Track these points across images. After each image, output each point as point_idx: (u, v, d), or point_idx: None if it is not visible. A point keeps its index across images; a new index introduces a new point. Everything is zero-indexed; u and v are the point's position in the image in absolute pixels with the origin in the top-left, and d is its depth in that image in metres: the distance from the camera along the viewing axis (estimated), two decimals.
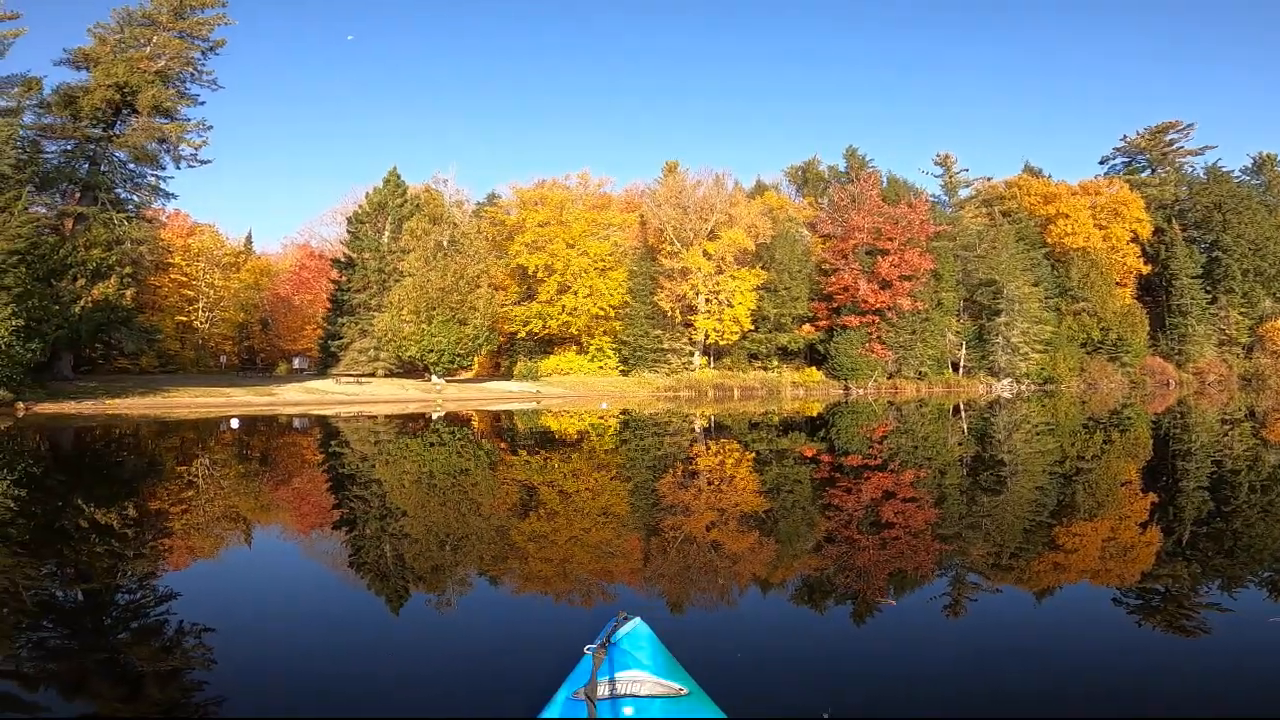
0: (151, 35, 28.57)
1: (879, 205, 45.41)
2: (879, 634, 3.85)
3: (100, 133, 27.88)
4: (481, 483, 9.44)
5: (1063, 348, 49.24)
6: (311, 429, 17.75)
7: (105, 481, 9.59)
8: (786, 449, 13.26)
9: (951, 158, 55.55)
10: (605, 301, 40.87)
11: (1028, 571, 4.96)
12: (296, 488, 9.27)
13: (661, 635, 2.54)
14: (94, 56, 27.69)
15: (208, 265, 47.16)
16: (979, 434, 16.31)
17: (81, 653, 3.47)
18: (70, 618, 4.12)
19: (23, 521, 6.64)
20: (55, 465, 11.11)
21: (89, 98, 26.59)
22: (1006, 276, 46.96)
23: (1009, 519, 6.68)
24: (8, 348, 19.93)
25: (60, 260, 24.57)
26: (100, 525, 6.48)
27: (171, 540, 6.07)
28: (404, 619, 4.14)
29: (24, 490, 8.39)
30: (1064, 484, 8.70)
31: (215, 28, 29.72)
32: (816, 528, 6.47)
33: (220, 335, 50.10)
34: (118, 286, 26.17)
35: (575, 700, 2.09)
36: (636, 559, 5.46)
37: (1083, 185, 56.49)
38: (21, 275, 20.95)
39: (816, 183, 56.57)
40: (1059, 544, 5.72)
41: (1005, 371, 47.88)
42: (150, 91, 27.32)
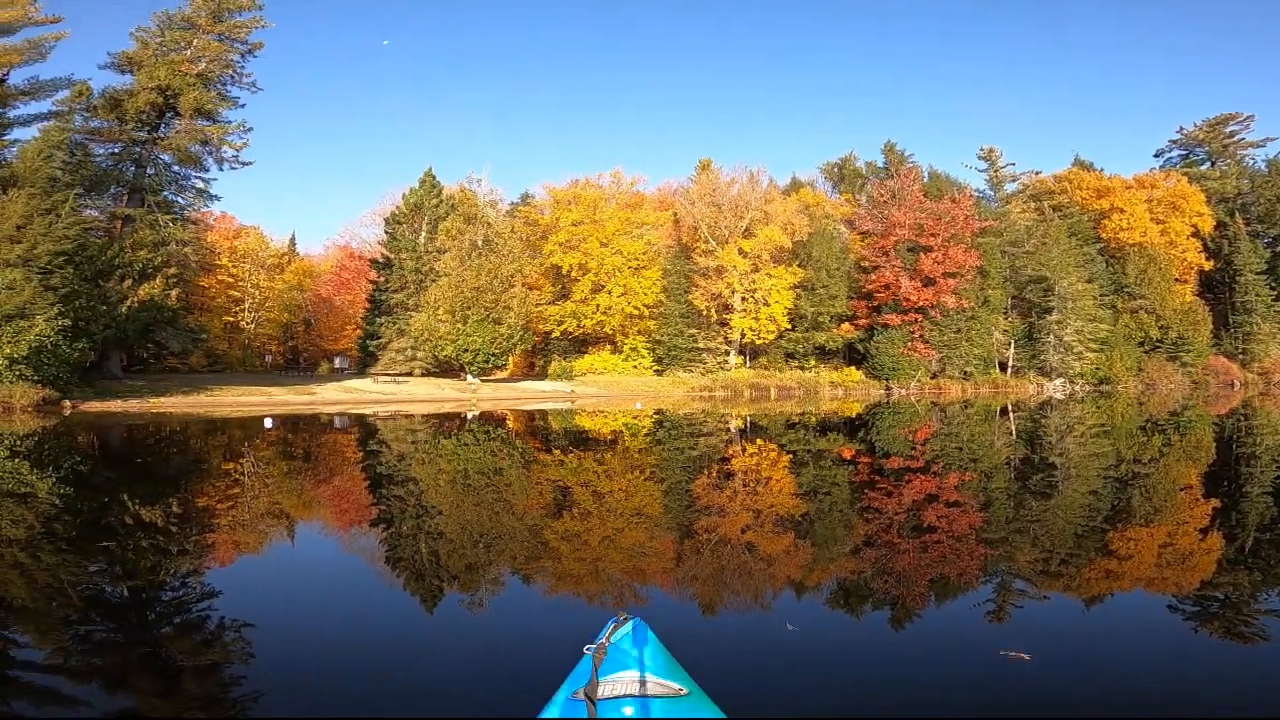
0: (191, 38, 29.58)
1: (921, 201, 44.50)
2: (913, 639, 3.78)
3: (145, 135, 28.99)
4: (514, 483, 9.55)
5: (1119, 346, 47.54)
6: (350, 428, 18.19)
7: (144, 479, 10.00)
8: (824, 450, 13.10)
9: (996, 151, 54.12)
10: (639, 300, 40.94)
11: (1078, 578, 4.81)
12: (329, 486, 9.52)
13: (667, 636, 2.54)
14: (137, 60, 28.75)
15: (253, 266, 48.75)
16: (1028, 436, 15.86)
17: (125, 647, 3.60)
18: (115, 612, 4.31)
19: (68, 518, 6.97)
20: (96, 462, 11.62)
21: (133, 100, 27.59)
22: (1058, 273, 45.53)
23: (1059, 524, 6.49)
24: (54, 347, 20.56)
25: (108, 261, 25.53)
26: (141, 522, 6.76)
27: (210, 536, 6.30)
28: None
29: (67, 487, 8.80)
30: (1119, 489, 8.41)
31: (253, 30, 30.66)
32: (852, 530, 6.38)
33: (266, 335, 51.78)
34: (163, 287, 26.99)
35: (575, 700, 2.10)
36: (655, 560, 5.46)
37: (1138, 179, 54.49)
38: (69, 276, 21.79)
39: (854, 179, 55.69)
40: (1113, 550, 5.53)
41: (1057, 371, 46.44)
42: (192, 94, 28.25)
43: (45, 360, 20.44)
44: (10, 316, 19.47)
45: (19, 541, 5.54)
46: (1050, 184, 54.18)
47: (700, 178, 45.96)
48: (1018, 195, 53.19)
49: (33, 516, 6.56)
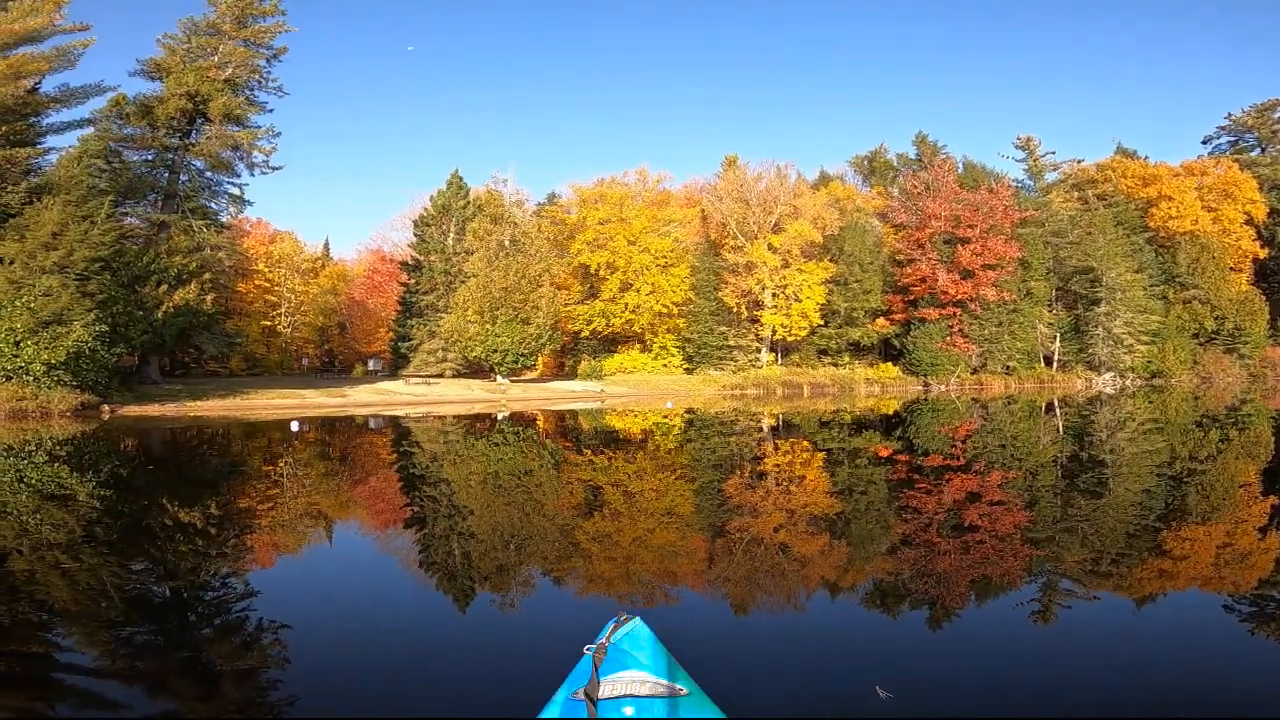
0: (217, 44, 30.28)
1: (956, 191, 43.62)
2: (955, 639, 3.71)
3: (177, 142, 29.72)
4: (545, 483, 9.62)
5: (1171, 339, 45.97)
6: (382, 430, 18.52)
7: (179, 482, 10.30)
8: (859, 448, 12.93)
9: (1034, 140, 52.74)
10: (668, 298, 40.90)
11: (1129, 579, 4.68)
12: (359, 489, 9.70)
13: (667, 636, 2.55)
14: (165, 66, 29.48)
15: (288, 271, 49.98)
16: (1076, 432, 15.45)
17: (165, 650, 3.69)
18: (155, 615, 4.45)
19: (108, 521, 7.22)
20: (131, 466, 11.99)
21: (163, 107, 28.26)
22: (1105, 263, 44.19)
23: (1110, 523, 6.31)
24: (92, 352, 20.93)
25: (144, 267, 26.13)
26: (178, 524, 6.97)
27: (245, 538, 6.48)
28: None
29: (104, 490, 9.12)
30: (1173, 486, 8.15)
31: (276, 35, 31.29)
32: (889, 530, 6.29)
33: (302, 339, 53.19)
34: (198, 292, 27.46)
35: (575, 700, 2.13)
36: (680, 561, 5.45)
37: (1186, 166, 52.66)
38: (106, 282, 22.32)
39: (885, 172, 54.87)
40: (1166, 550, 5.36)
41: (1107, 365, 45.12)
42: (220, 99, 28.90)
43: (84, 365, 20.85)
44: (48, 322, 19.93)
45: (59, 545, 5.75)
46: (1092, 172, 52.64)
47: (727, 174, 45.72)
48: (1059, 184, 51.80)
49: (73, 520, 6.80)
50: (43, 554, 5.44)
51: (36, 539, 5.91)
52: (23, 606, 4.26)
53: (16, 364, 19.68)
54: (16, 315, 19.58)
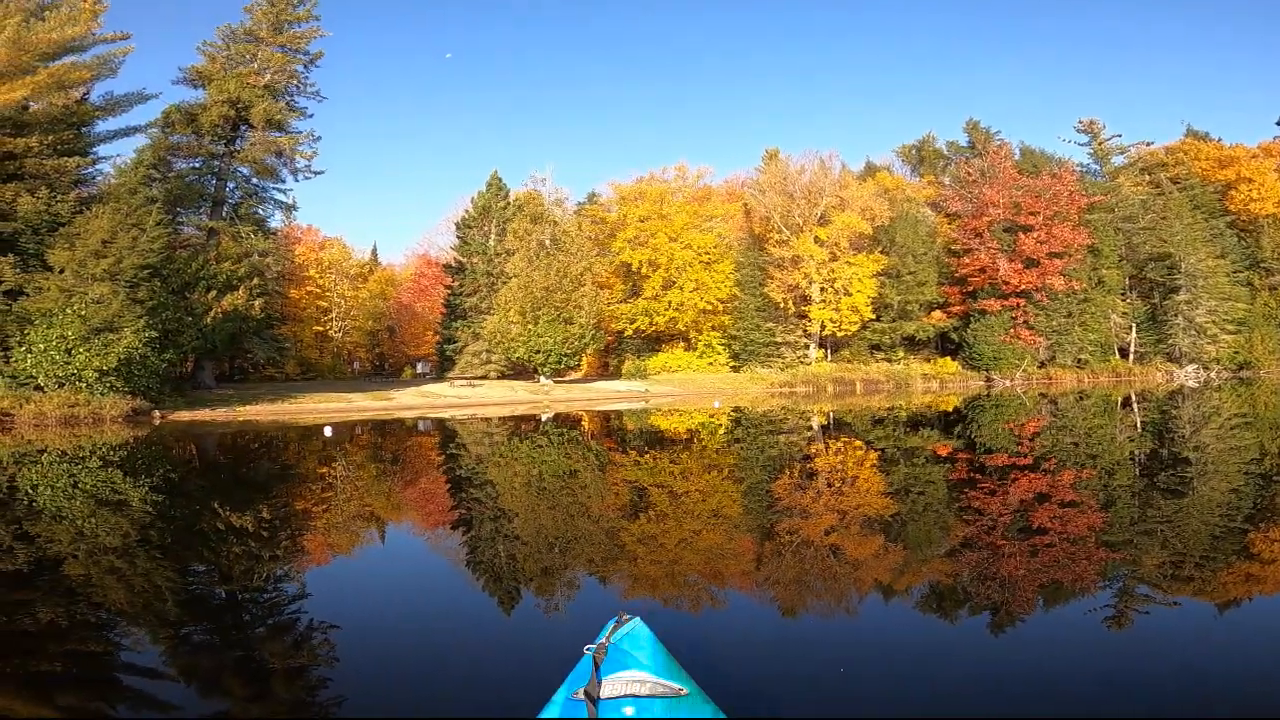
0: (255, 50, 31.31)
1: (1015, 177, 42.22)
2: (1020, 644, 3.57)
3: (223, 149, 30.89)
4: (589, 485, 9.67)
5: (1259, 328, 43.60)
6: (429, 432, 18.91)
7: (228, 486, 10.70)
8: (916, 447, 12.60)
9: (1098, 123, 50.75)
10: (712, 295, 40.71)
11: (1213, 584, 4.43)
12: (401, 492, 9.91)
13: (670, 635, 2.54)
14: (206, 74, 30.59)
15: (337, 277, 51.68)
16: (1156, 429, 14.77)
17: (218, 651, 3.83)
18: (208, 616, 4.63)
19: (161, 525, 7.55)
20: (180, 471, 12.52)
21: (207, 114, 29.32)
22: (1184, 249, 42.15)
23: (1193, 525, 5.99)
24: (143, 358, 21.52)
25: (193, 274, 27.07)
26: (229, 527, 7.24)
27: (294, 540, 6.69)
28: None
29: (155, 495, 9.53)
30: (1263, 485, 7.70)
31: (312, 40, 32.22)
32: (949, 531, 6.10)
33: (353, 343, 55.12)
34: (246, 298, 28.20)
35: (575, 700, 2.16)
36: (730, 562, 5.38)
37: (1264, 147, 50.06)
38: (155, 289, 23.11)
39: (934, 161, 53.62)
40: (1255, 553, 5.06)
41: (1188, 356, 43.03)
42: (261, 105, 29.85)
43: (135, 371, 21.47)
44: (99, 330, 20.58)
45: (113, 549, 6.02)
46: (1162, 156, 50.40)
47: (768, 167, 45.22)
48: (1127, 169, 49.70)
49: (126, 524, 7.12)
50: (98, 558, 5.71)
51: (93, 543, 6.20)
52: (81, 608, 4.47)
53: (69, 371, 20.37)
54: (68, 323, 20.29)
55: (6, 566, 5.36)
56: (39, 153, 22.55)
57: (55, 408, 19.83)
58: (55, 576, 5.14)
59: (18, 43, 20.67)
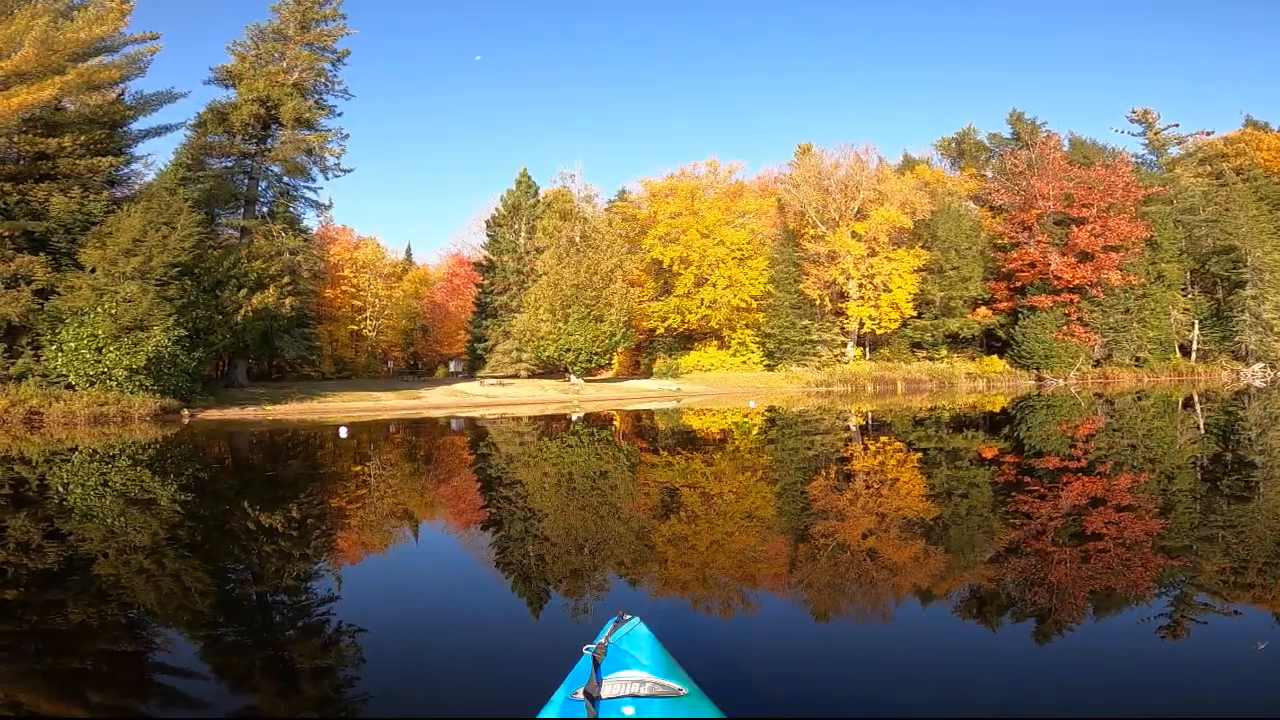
0: (284, 49, 32.10)
1: (1065, 168, 41.08)
2: (1065, 653, 3.47)
3: (254, 148, 31.70)
4: (620, 485, 9.68)
5: None
6: (462, 431, 19.14)
7: (255, 486, 10.96)
8: (960, 449, 12.35)
9: (1153, 113, 49.16)
10: (746, 292, 40.45)
11: (1276, 591, 4.24)
12: (429, 492, 10.05)
13: (674, 635, 2.56)
14: (237, 73, 31.42)
15: (371, 276, 52.81)
16: (1221, 431, 14.24)
17: (248, 650, 3.92)
18: (237, 616, 4.75)
19: (191, 524, 7.76)
20: (207, 470, 12.84)
21: (238, 113, 30.08)
22: (1249, 241, 40.60)
23: (1258, 531, 5.77)
24: (172, 357, 21.86)
25: (225, 272, 27.62)
26: (257, 527, 7.42)
27: (320, 540, 6.82)
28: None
29: (187, 494, 9.80)
30: None
31: (339, 38, 32.99)
32: (993, 536, 5.97)
33: (388, 342, 56.42)
34: (277, 296, 28.67)
35: (574, 700, 2.19)
36: (763, 559, 5.33)
37: None
38: (186, 287, 23.56)
39: (975, 154, 52.48)
40: None
41: (1255, 355, 41.42)
42: (290, 104, 30.57)
43: (164, 370, 21.84)
44: (129, 328, 20.90)
45: (143, 548, 6.19)
46: (1221, 146, 48.63)
47: (802, 161, 44.67)
48: (1185, 159, 48.04)
49: (156, 523, 7.30)
50: (128, 557, 5.88)
51: (122, 542, 6.39)
52: (111, 608, 4.60)
53: (99, 369, 20.78)
54: (98, 321, 20.70)
55: (38, 565, 5.55)
56: (72, 152, 23.17)
57: (84, 406, 20.27)
58: (86, 576, 5.29)
59: (46, 42, 21.29)
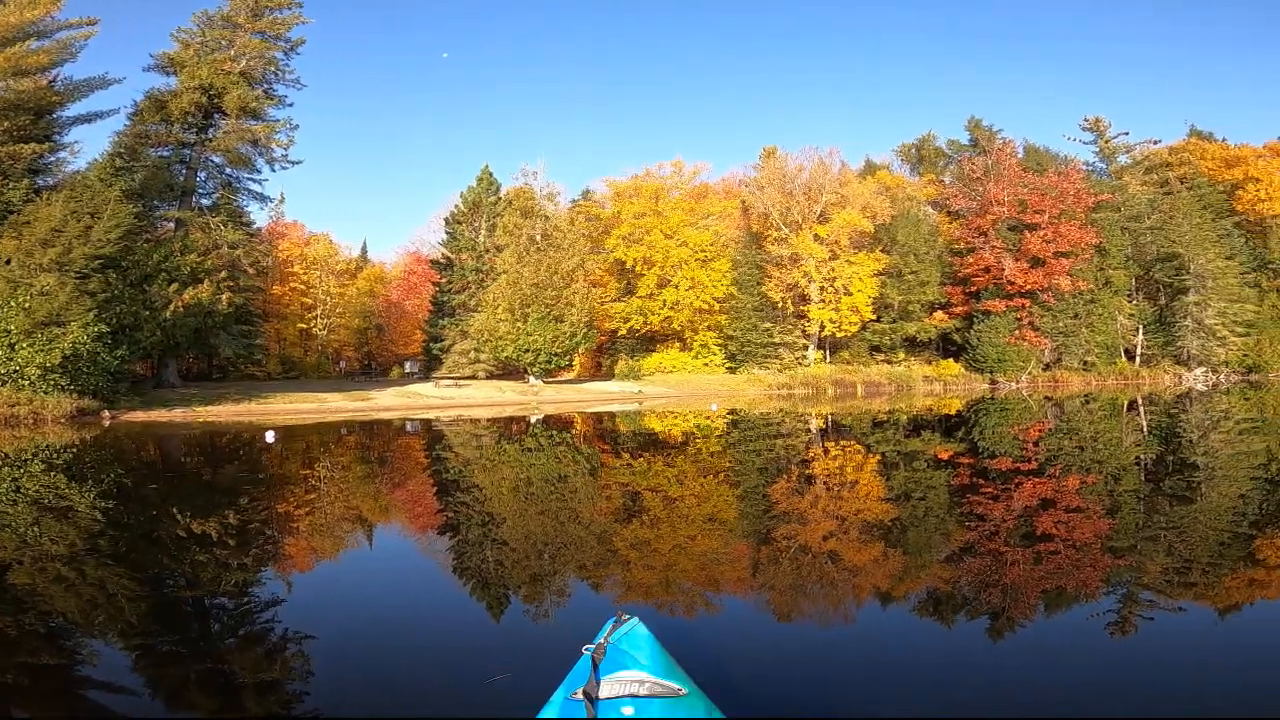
0: (233, 37, 31.14)
1: (1020, 175, 42.51)
2: (1021, 651, 3.59)
3: (194, 137, 30.59)
4: (580, 490, 9.66)
5: (1268, 330, 44.10)
6: (416, 434, 18.84)
7: (185, 491, 10.64)
8: (917, 451, 12.65)
9: (1104, 121, 51.46)
10: (708, 294, 40.77)
11: (1218, 589, 4.48)
12: (359, 501, 9.88)
13: (669, 635, 2.58)
14: (179, 61, 30.37)
15: (323, 273, 51.43)
16: (1164, 433, 14.87)
17: (186, 661, 3.75)
18: (175, 626, 4.59)
19: (114, 532, 7.48)
20: (129, 474, 12.40)
21: (177, 101, 29.03)
22: (1193, 249, 42.54)
23: (1200, 531, 6.04)
24: (92, 355, 20.53)
25: (154, 265, 26.21)
26: (185, 535, 7.20)
27: (248, 548, 6.64)
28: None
29: (103, 501, 9.45)
30: (1270, 491, 7.77)
31: (293, 26, 32.10)
32: (949, 537, 6.13)
33: (340, 341, 55.04)
34: (213, 291, 27.52)
35: (573, 700, 2.20)
36: (726, 562, 5.39)
37: (1271, 147, 50.84)
38: (111, 280, 22.25)
39: (934, 160, 54.23)
40: (1260, 559, 5.11)
41: (1197, 359, 43.39)
42: (235, 92, 29.61)
43: (83, 369, 20.52)
44: (44, 323, 19.59)
45: (59, 557, 5.90)
46: (1166, 155, 51.02)
47: (766, 164, 45.26)
48: (1133, 168, 50.24)
49: (75, 532, 6.94)
50: (44, 565, 5.60)
51: (38, 551, 6.07)
52: (29, 618, 4.37)
53: (10, 367, 19.56)
54: (11, 316, 19.44)
55: None
56: None
57: None
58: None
59: None
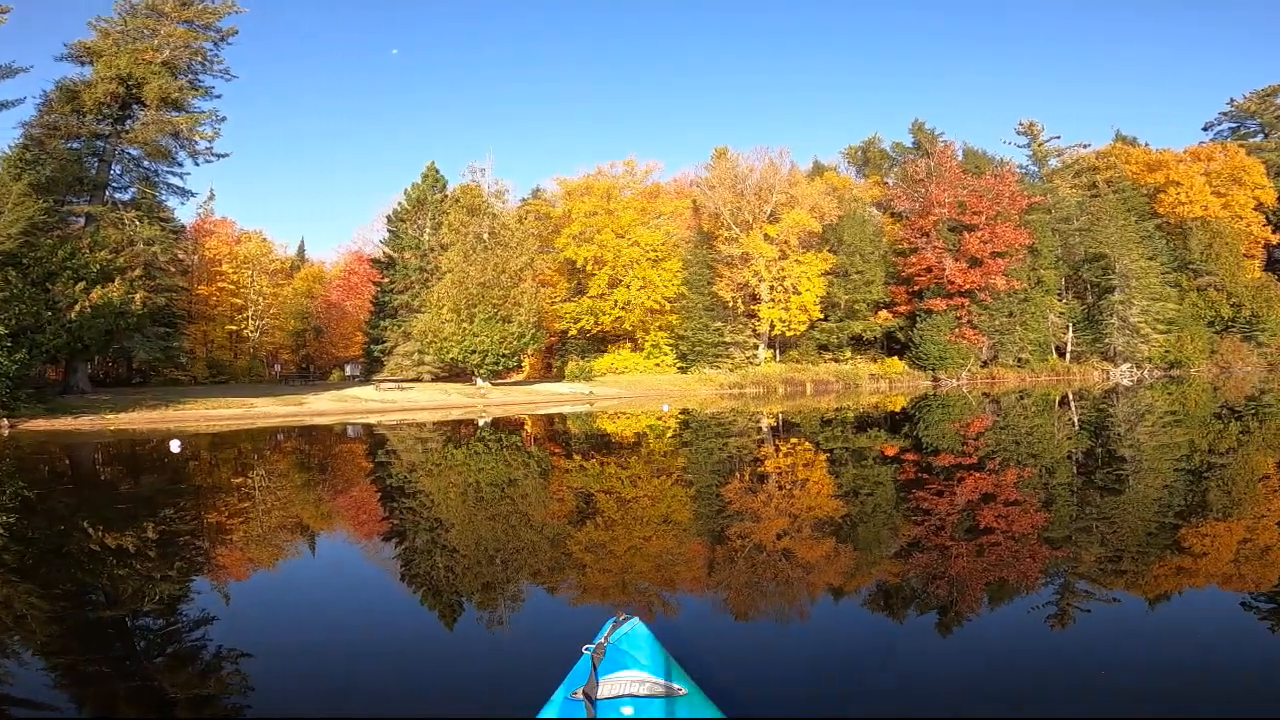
0: (157, 26, 29.75)
1: (960, 177, 44.06)
2: (966, 642, 3.79)
3: (109, 129, 29.02)
4: (531, 494, 9.64)
5: (1188, 327, 46.73)
6: (350, 439, 18.42)
7: (93, 504, 10.22)
8: (864, 448, 13.04)
9: (1038, 125, 53.79)
10: (660, 294, 40.97)
11: (1148, 578, 4.79)
12: (313, 508, 9.68)
13: (666, 636, 2.64)
14: (96, 50, 28.84)
15: (255, 272, 49.32)
16: (1093, 427, 15.68)
17: (110, 679, 3.62)
18: (96, 644, 4.44)
19: (18, 548, 7.15)
20: (31, 486, 11.83)
21: (91, 91, 27.50)
22: (1118, 250, 44.83)
23: (1129, 521, 6.43)
24: None
25: (59, 263, 24.59)
26: (99, 549, 6.94)
27: (169, 564, 6.45)
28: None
29: (3, 514, 9.02)
30: (1193, 481, 8.30)
31: (224, 16, 30.89)
32: (897, 532, 6.37)
33: (275, 344, 52.96)
34: (125, 290, 25.91)
35: (574, 700, 2.23)
36: (665, 565, 5.50)
37: (1191, 151, 53.91)
38: (10, 278, 20.93)
39: (879, 162, 55.93)
40: (1186, 547, 5.48)
41: (1123, 355, 45.74)
42: (156, 83, 28.20)
43: None
44: None
45: None
46: (1093, 159, 53.71)
47: (718, 164, 45.69)
48: (1062, 171, 52.67)
49: None
50: None
51: None
52: None
53: None
54: None
55: None
56: None
57: None
58: None
59: None
